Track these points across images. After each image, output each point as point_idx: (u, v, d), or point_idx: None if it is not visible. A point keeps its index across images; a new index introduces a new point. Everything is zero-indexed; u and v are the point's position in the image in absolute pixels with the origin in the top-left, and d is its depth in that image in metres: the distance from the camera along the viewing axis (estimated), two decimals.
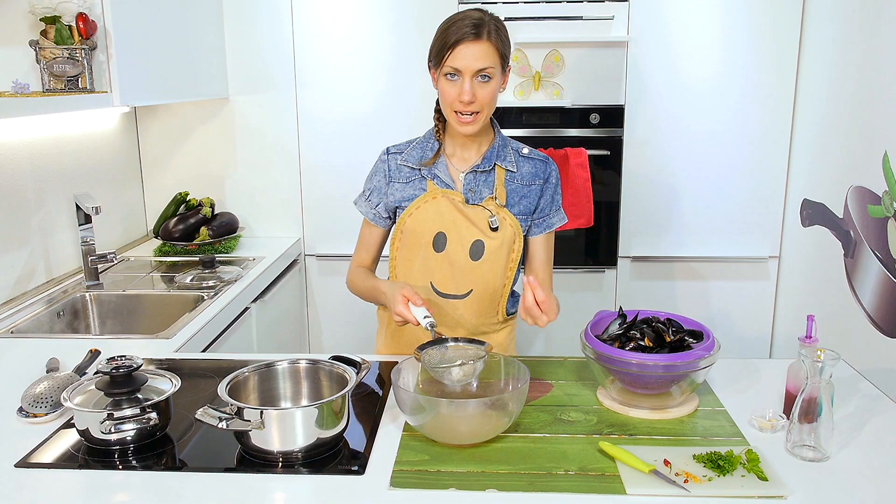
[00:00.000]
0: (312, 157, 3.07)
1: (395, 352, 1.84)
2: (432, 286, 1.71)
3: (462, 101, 1.57)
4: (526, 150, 1.74)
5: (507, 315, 1.80)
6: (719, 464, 1.25)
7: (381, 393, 1.58)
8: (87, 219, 2.40)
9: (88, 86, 2.14)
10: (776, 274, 3.08)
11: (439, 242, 1.67)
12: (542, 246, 1.78)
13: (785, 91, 2.90)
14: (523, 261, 1.82)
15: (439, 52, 1.59)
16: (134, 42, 2.27)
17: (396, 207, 1.73)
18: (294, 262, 3.08)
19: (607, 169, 3.01)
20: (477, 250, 1.66)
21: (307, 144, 3.06)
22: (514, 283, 1.77)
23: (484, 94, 1.57)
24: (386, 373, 1.68)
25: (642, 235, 3.07)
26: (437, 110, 1.71)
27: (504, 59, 1.59)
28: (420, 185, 1.70)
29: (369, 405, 1.52)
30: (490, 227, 1.66)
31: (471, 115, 1.59)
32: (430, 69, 1.66)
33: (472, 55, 1.55)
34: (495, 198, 1.68)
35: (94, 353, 1.72)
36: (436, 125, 1.73)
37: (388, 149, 1.77)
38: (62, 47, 2.07)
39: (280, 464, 1.28)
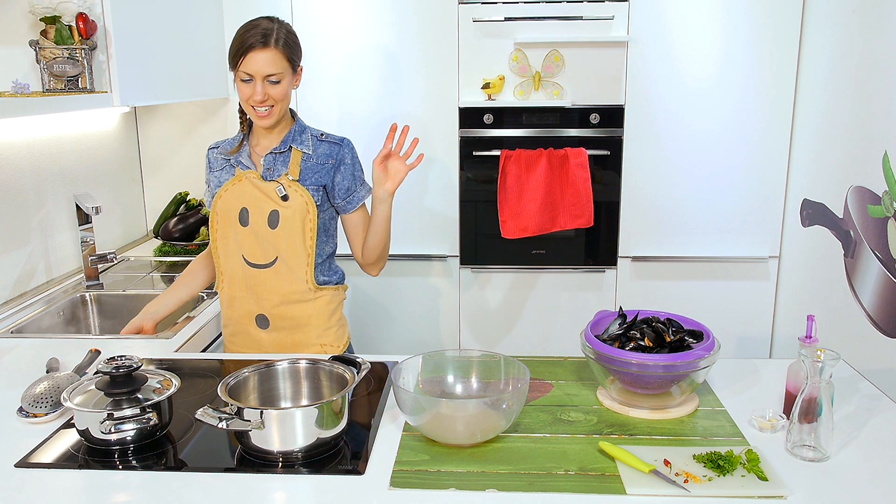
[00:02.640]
0: None
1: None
2: (244, 258, 1.86)
3: (255, 101, 1.77)
4: (323, 136, 1.91)
5: (319, 284, 1.89)
6: (719, 464, 1.25)
7: (381, 393, 1.58)
8: (87, 219, 2.40)
9: (88, 86, 2.14)
10: (776, 274, 3.08)
11: (243, 217, 1.85)
12: (361, 218, 1.95)
13: (785, 91, 2.90)
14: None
15: (233, 58, 1.78)
16: (134, 42, 2.27)
17: (216, 192, 1.91)
18: None
19: (607, 169, 3.01)
20: (274, 219, 1.83)
21: None
22: (318, 256, 1.89)
23: (275, 93, 1.78)
24: (386, 373, 1.68)
25: (642, 235, 3.07)
26: (241, 108, 1.87)
27: (292, 62, 1.80)
28: (230, 172, 1.90)
29: (369, 405, 1.52)
30: (280, 196, 1.82)
31: (266, 109, 1.79)
32: (230, 70, 1.83)
33: (261, 62, 1.75)
34: (288, 174, 1.85)
35: (94, 353, 1.72)
36: (241, 120, 1.92)
37: (210, 146, 1.97)
38: (62, 47, 2.07)
39: (280, 464, 1.28)
